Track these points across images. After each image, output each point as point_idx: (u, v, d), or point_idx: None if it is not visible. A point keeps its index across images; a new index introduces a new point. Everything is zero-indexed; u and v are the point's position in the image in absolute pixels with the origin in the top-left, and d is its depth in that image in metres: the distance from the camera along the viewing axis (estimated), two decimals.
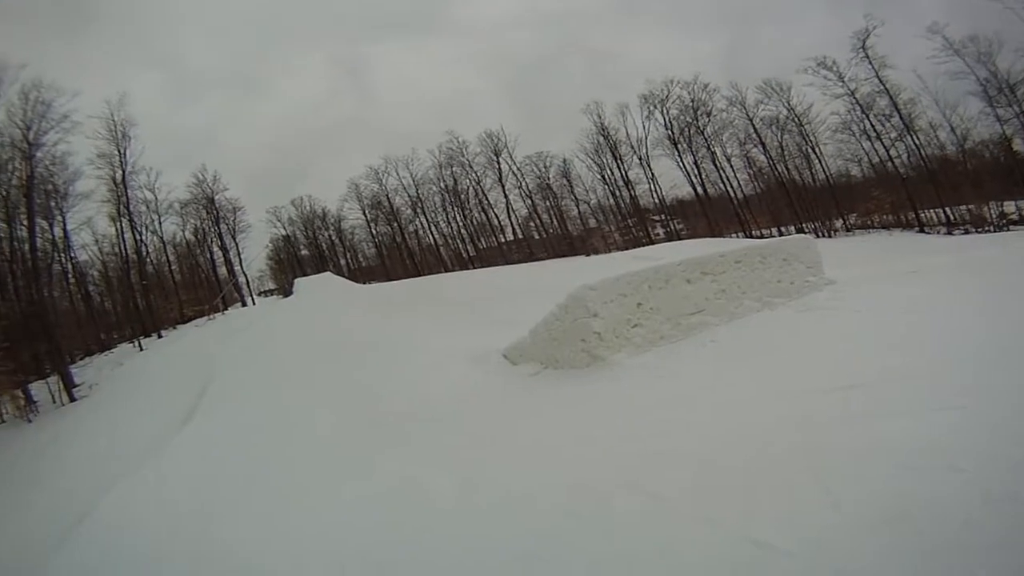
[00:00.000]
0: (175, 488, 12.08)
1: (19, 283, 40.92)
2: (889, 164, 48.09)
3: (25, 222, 41.85)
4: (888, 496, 5.22)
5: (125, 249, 51.68)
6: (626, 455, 7.74)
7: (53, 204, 45.93)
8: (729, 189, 56.14)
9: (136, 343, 43.04)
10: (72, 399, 32.11)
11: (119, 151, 50.78)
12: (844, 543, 4.78)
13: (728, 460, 6.80)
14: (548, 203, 63.08)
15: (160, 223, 55.95)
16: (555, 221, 63.29)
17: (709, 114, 55.89)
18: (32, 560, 10.84)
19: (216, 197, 60.13)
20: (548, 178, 62.66)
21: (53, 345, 36.69)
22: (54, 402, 31.87)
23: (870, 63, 47.51)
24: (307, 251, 69.25)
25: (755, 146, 54.59)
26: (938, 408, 6.53)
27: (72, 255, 49.13)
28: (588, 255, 48.54)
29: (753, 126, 54.05)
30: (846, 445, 6.31)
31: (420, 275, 52.48)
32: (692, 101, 56.06)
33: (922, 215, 45.23)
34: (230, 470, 12.15)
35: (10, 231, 41.05)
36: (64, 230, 47.43)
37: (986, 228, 40.70)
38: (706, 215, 55.46)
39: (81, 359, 41.10)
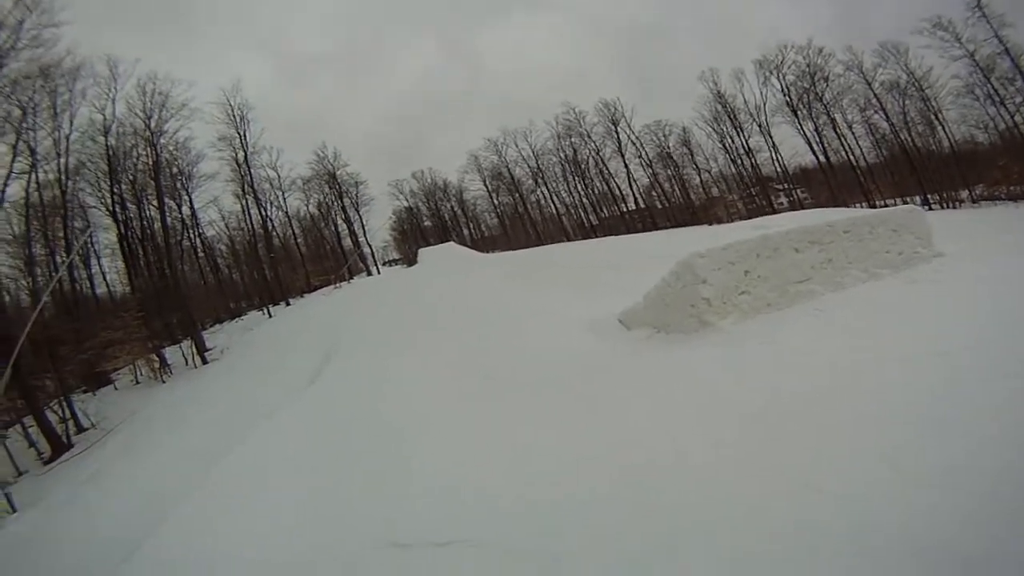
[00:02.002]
0: (298, 438, 13.10)
1: (151, 258, 43.06)
2: (1015, 131, 45.94)
3: (154, 203, 44.01)
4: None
5: (251, 224, 54.11)
6: (723, 415, 8.42)
7: (179, 185, 48.53)
8: (851, 157, 54.96)
9: (265, 311, 44.78)
10: (204, 362, 33.74)
11: (239, 133, 53.60)
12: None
13: (820, 419, 7.37)
14: (669, 172, 62.83)
15: (284, 199, 57.95)
16: (677, 190, 63.09)
17: (827, 79, 54.83)
18: (178, 487, 12.04)
19: (337, 172, 61.86)
20: (668, 147, 62.35)
21: (185, 314, 38.29)
22: (187, 364, 33.48)
23: (988, 22, 45.64)
24: (430, 222, 70.44)
25: (876, 112, 53.09)
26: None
27: (200, 231, 51.34)
28: (710, 224, 48.17)
29: (872, 91, 52.65)
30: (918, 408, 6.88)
31: (542, 244, 53.00)
32: (808, 66, 55.18)
33: None
34: (349, 426, 13.10)
35: (139, 212, 43.31)
36: (191, 209, 49.93)
37: None
38: (828, 184, 54.32)
39: (211, 326, 42.95)
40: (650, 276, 15.68)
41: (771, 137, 57.64)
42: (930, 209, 44.86)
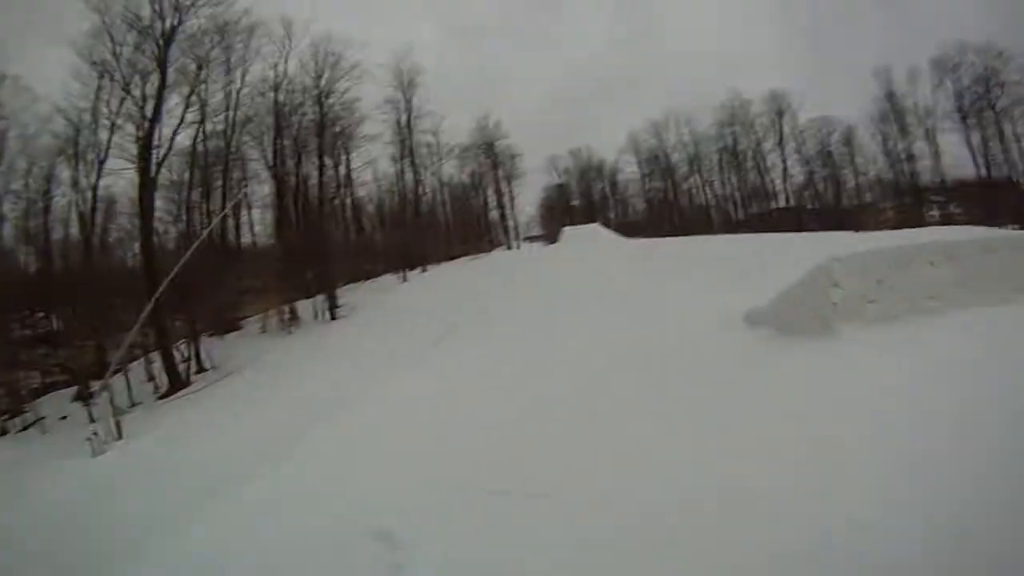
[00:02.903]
0: (424, 385, 13.61)
1: (301, 214, 44.62)
2: None
3: (313, 160, 45.53)
4: None
5: (404, 188, 55.79)
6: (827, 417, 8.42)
7: (340, 144, 49.64)
8: (1015, 173, 52.75)
9: (401, 275, 45.66)
10: (333, 317, 34.79)
11: (405, 97, 54.60)
12: None
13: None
14: (827, 171, 61.62)
15: (440, 165, 59.38)
16: (830, 192, 61.96)
17: (1002, 86, 52.15)
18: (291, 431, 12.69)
19: (496, 143, 62.44)
20: (830, 145, 61.15)
21: (324, 270, 39.43)
22: (316, 318, 34.58)
23: None
24: (578, 201, 71.04)
25: None
26: None
27: (352, 191, 52.41)
28: (857, 231, 47.02)
29: None
30: None
31: (686, 234, 52.60)
32: (985, 69, 52.58)
33: None
34: (475, 386, 13.56)
35: (297, 168, 44.95)
36: (347, 168, 51.44)
37: None
38: (986, 201, 51.63)
39: (346, 284, 44.04)
40: (784, 276, 15.72)
41: (933, 143, 55.82)
42: None
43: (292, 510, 9.06)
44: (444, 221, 62.44)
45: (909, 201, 57.46)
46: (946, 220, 52.92)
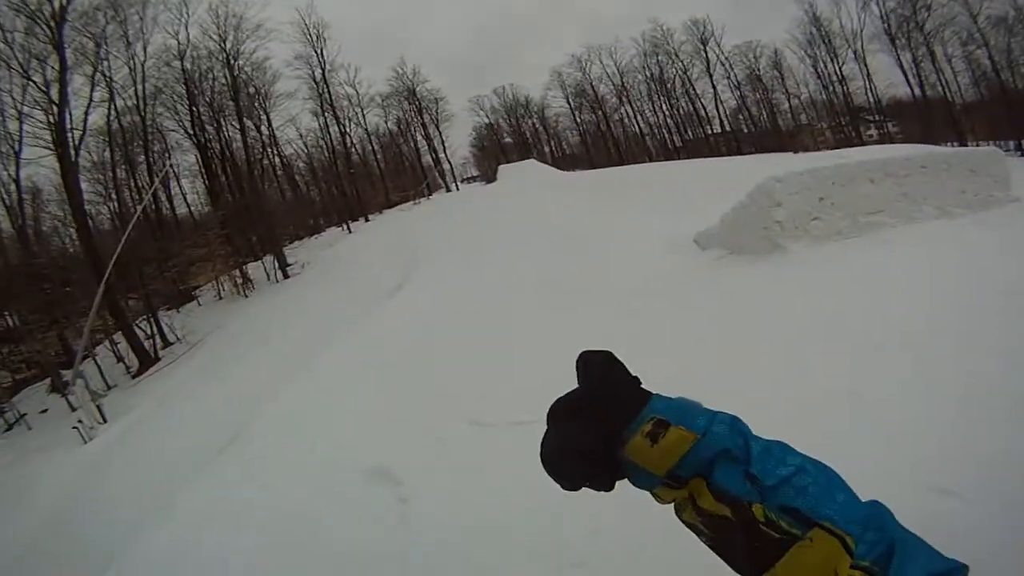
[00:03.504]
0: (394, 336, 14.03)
1: (231, 178, 44.36)
2: None
3: (233, 123, 45.14)
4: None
5: (331, 142, 54.88)
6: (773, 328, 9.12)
7: (257, 105, 49.23)
8: (947, 93, 53.23)
9: (344, 227, 45.77)
10: (286, 276, 34.91)
11: (315, 51, 54.10)
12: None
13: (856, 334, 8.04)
14: (758, 95, 61.89)
15: (363, 116, 58.42)
16: (764, 115, 62.13)
17: (929, 8, 52.33)
18: (264, 394, 13.11)
19: (417, 88, 61.96)
20: (758, 69, 61.32)
21: (267, 231, 39.43)
22: (268, 280, 34.60)
23: None
24: (510, 139, 70.49)
25: (978, 47, 51.01)
26: None
27: (279, 150, 52.15)
28: (796, 152, 47.53)
29: (976, 25, 50.41)
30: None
31: (624, 164, 52.65)
32: None
33: None
34: (437, 326, 14.03)
35: (218, 133, 44.57)
36: (270, 128, 50.50)
37: None
38: (921, 119, 52.78)
39: (291, 243, 44.05)
40: (729, 199, 15.97)
41: (866, 66, 56.27)
42: (1023, 155, 43.93)
43: (288, 462, 9.34)
44: (379, 170, 61.42)
45: (845, 121, 58.18)
46: (884, 139, 53.91)
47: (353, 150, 58.61)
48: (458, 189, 62.83)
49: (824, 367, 7.37)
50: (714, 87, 62.39)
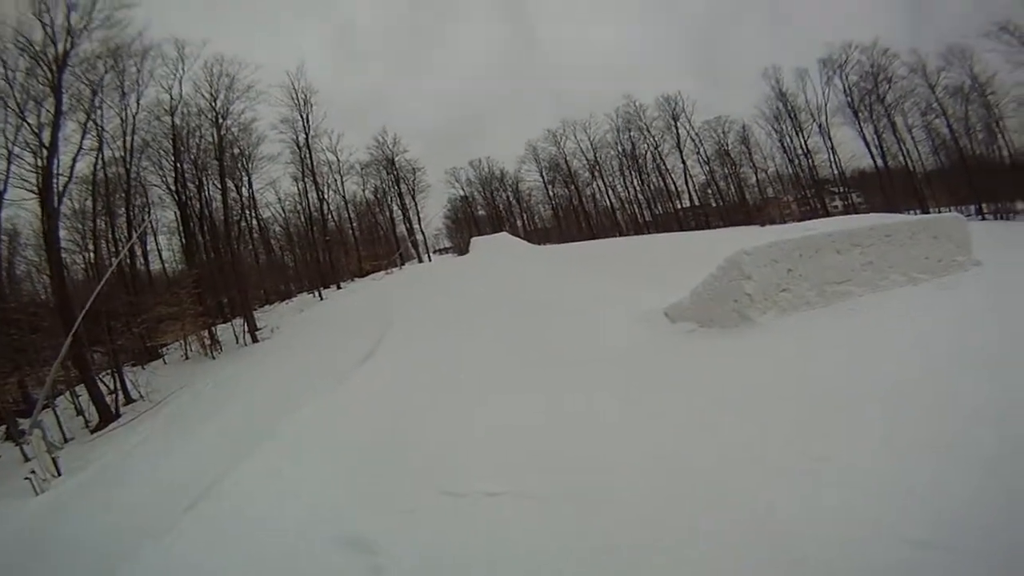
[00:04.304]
0: (364, 403, 13.86)
1: (208, 237, 44.27)
2: None
3: (215, 183, 45.25)
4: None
5: (309, 207, 54.89)
6: (739, 398, 9.18)
7: (240, 166, 49.31)
8: (909, 162, 54.39)
9: (316, 293, 45.66)
10: (255, 340, 34.63)
11: (301, 116, 54.53)
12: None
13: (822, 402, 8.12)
14: (726, 170, 62.65)
15: (342, 183, 58.70)
16: (732, 189, 62.94)
17: (889, 81, 54.05)
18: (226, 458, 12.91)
19: (396, 158, 62.72)
20: (727, 144, 62.15)
21: (239, 293, 39.27)
22: (237, 342, 34.31)
23: None
24: (484, 211, 70.67)
25: (937, 117, 52.28)
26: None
27: (257, 212, 52.10)
28: (763, 225, 48.03)
29: (935, 95, 51.77)
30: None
31: (595, 238, 53.06)
32: (872, 67, 54.52)
33: None
34: (409, 394, 13.89)
35: (200, 192, 44.58)
36: (250, 190, 50.37)
37: None
38: (884, 189, 54.05)
39: (262, 306, 43.87)
40: (699, 273, 16.06)
41: (830, 138, 57.40)
42: (983, 219, 45.20)
43: (256, 526, 9.00)
44: (353, 238, 61.09)
45: (811, 193, 59.03)
46: (848, 209, 54.88)
47: (330, 216, 58.41)
48: (430, 260, 63.09)
49: (794, 433, 7.50)
50: (684, 162, 63.35)
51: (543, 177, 68.59)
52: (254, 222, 52.68)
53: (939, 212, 43.00)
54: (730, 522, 6.00)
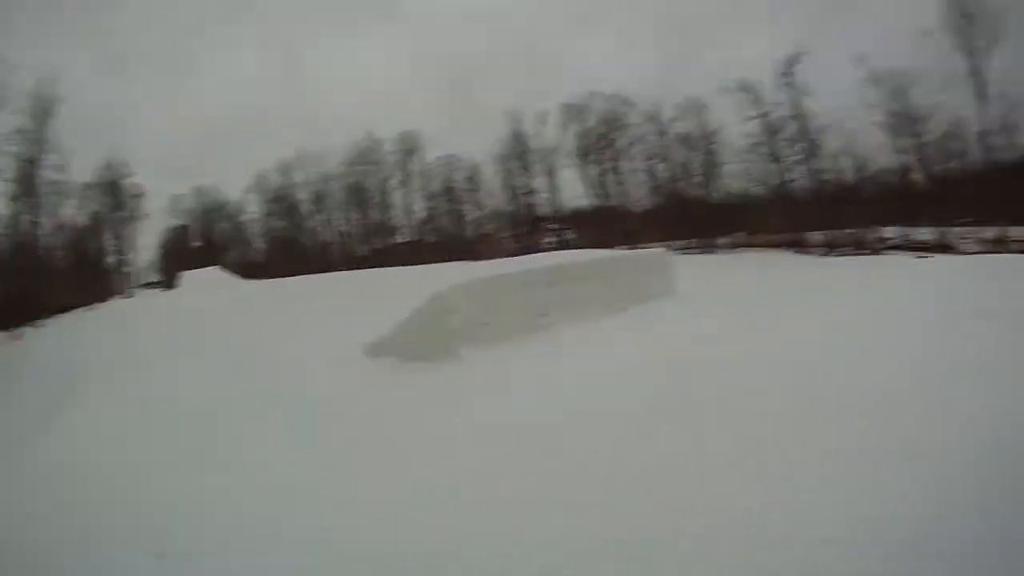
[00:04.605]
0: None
1: None
2: (786, 186, 49.96)
3: None
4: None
5: (19, 231, 49.81)
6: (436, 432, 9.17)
7: None
8: (627, 202, 57.56)
9: (11, 331, 41.62)
10: None
11: (37, 128, 48.46)
12: None
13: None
14: (450, 206, 63.81)
15: (59, 206, 53.42)
16: (452, 225, 64.06)
17: (623, 128, 56.98)
18: None
19: (122, 183, 59.27)
20: (454, 181, 63.34)
21: None
22: None
23: (792, 89, 48.76)
24: (200, 242, 68.37)
25: (660, 162, 55.88)
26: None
27: None
28: (477, 260, 48.60)
29: (663, 142, 55.29)
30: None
31: (309, 272, 52.06)
32: (610, 114, 57.03)
33: (809, 236, 46.11)
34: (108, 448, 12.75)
35: None
36: None
37: (863, 251, 42.42)
38: (599, 226, 56.04)
39: None
40: (408, 308, 16.03)
41: (554, 179, 59.50)
42: (689, 253, 47.52)
43: None
44: (59, 268, 56.16)
45: (527, 230, 60.46)
46: (563, 245, 55.99)
47: (40, 243, 52.86)
48: (137, 294, 58.28)
49: (486, 470, 7.55)
50: (408, 198, 64.12)
51: (265, 208, 67.71)
52: None
53: (649, 247, 45.68)
54: None
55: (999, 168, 43.72)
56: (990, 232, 39.54)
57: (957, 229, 41.37)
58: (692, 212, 52.49)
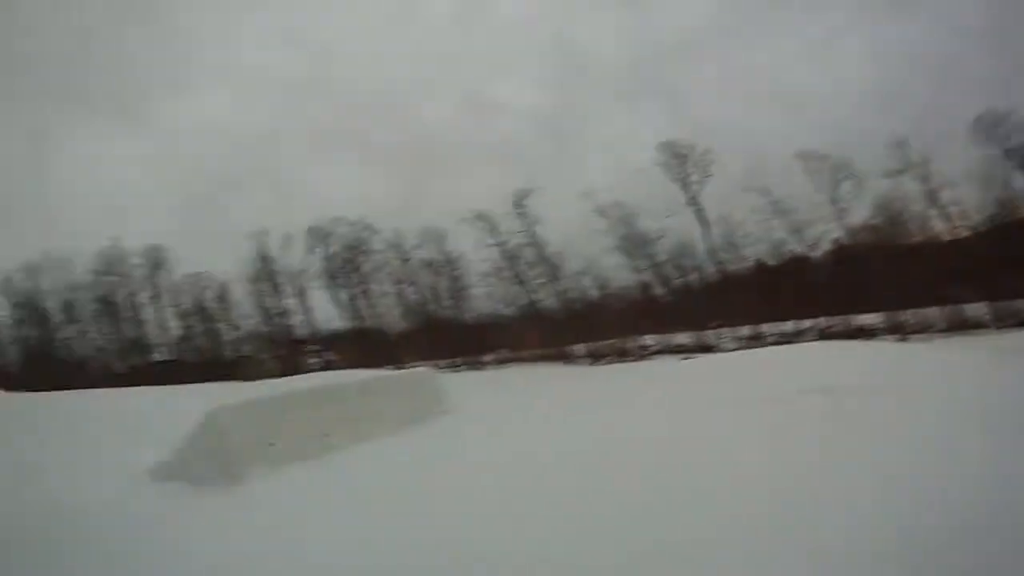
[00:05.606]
0: None
1: None
2: (534, 305, 53.20)
3: None
4: None
5: None
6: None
7: None
8: (382, 324, 59.22)
9: None
10: None
11: None
12: None
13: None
14: (204, 326, 62.86)
15: None
16: (210, 345, 63.08)
17: (367, 253, 58.96)
18: None
19: None
20: (205, 299, 62.53)
21: None
22: None
23: (525, 218, 53.09)
24: None
25: (408, 285, 58.25)
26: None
27: None
28: (241, 380, 47.97)
29: (408, 267, 57.87)
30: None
31: (66, 388, 49.33)
32: (355, 240, 58.85)
33: (572, 348, 49.56)
34: None
35: None
36: None
37: (628, 358, 45.95)
38: (360, 347, 57.41)
39: None
40: (181, 429, 15.94)
41: (307, 301, 60.47)
42: (457, 370, 49.85)
43: None
44: None
45: (287, 351, 61.06)
46: (326, 366, 56.11)
47: None
48: None
49: None
50: (161, 314, 62.67)
51: (12, 315, 62.74)
52: None
53: (414, 366, 46.87)
54: None
55: (735, 277, 50.52)
56: (745, 330, 44.36)
57: (711, 331, 46.09)
58: (448, 332, 55.31)
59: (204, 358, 62.00)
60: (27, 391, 46.02)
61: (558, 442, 12.80)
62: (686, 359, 35.89)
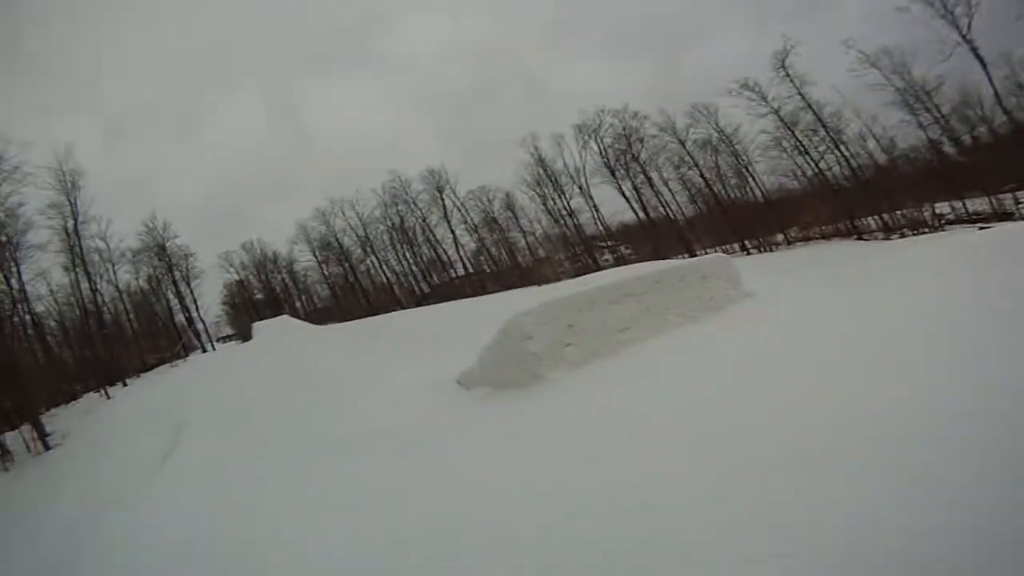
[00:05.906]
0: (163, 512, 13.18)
1: None
2: (821, 176, 49.37)
3: None
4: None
5: (82, 299, 51.10)
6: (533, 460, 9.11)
7: (8, 255, 45.20)
8: (670, 212, 57.54)
9: (103, 392, 43.02)
10: (47, 447, 32.61)
11: (69, 201, 49.71)
12: None
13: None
14: (495, 236, 63.82)
15: (115, 272, 55.30)
16: (504, 253, 64.19)
17: (642, 140, 57.29)
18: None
19: (167, 244, 59.75)
20: (493, 212, 63.46)
21: (24, 396, 36.91)
22: (29, 451, 32.23)
23: (791, 81, 49.07)
24: (261, 295, 69.05)
25: (690, 168, 55.87)
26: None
27: (29, 307, 48.62)
28: (539, 285, 48.81)
29: (686, 149, 55.41)
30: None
31: (375, 314, 52.18)
32: (624, 129, 57.50)
33: (861, 222, 46.25)
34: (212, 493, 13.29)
35: None
36: (20, 281, 46.80)
37: (922, 230, 41.78)
38: (650, 238, 56.28)
39: (47, 410, 41.17)
40: (484, 337, 16.46)
41: (592, 198, 59.62)
42: (748, 254, 48.85)
43: None
44: (132, 330, 57.46)
45: (581, 250, 61.04)
46: (619, 261, 56.36)
47: (105, 308, 54.55)
48: (214, 349, 60.02)
49: (596, 492, 7.03)
50: (453, 232, 64.02)
51: (316, 256, 67.77)
52: (27, 317, 49.27)
53: (704, 253, 45.64)
54: None
55: None
56: None
57: (1007, 195, 40.59)
58: (736, 214, 53.03)
59: (500, 267, 63.50)
60: (340, 321, 49.38)
61: (867, 318, 11.48)
62: (984, 228, 32.20)
